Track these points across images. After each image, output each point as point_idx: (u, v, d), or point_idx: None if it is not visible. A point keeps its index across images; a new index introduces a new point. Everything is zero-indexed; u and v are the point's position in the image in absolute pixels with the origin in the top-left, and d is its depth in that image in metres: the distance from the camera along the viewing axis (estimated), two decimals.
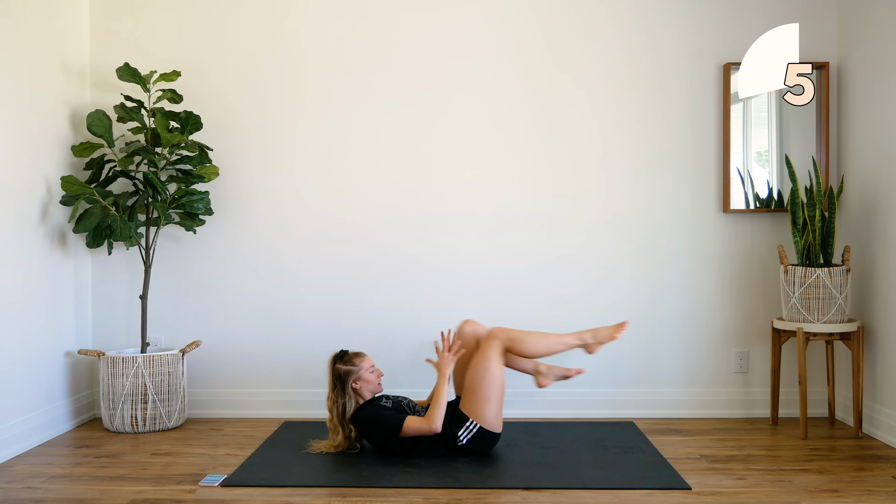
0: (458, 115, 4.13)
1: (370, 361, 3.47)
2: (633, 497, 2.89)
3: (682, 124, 4.11)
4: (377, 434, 3.32)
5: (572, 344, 3.41)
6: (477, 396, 3.28)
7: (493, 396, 3.28)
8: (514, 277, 4.14)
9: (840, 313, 3.67)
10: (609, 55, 4.11)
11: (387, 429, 3.28)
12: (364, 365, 3.43)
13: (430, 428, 3.24)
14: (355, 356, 3.45)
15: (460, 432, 3.28)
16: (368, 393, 3.43)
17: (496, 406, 3.30)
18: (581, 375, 4.10)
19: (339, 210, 4.16)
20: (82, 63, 4.12)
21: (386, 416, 3.30)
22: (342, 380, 3.39)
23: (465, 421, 3.28)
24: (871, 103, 3.77)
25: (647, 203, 4.13)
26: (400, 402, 3.46)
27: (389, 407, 3.39)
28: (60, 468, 3.30)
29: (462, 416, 3.30)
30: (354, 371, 3.40)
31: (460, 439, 3.28)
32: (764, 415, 4.08)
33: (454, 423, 3.30)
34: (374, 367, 3.47)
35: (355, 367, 3.41)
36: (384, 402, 3.43)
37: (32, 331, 3.69)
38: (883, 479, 3.09)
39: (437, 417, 3.25)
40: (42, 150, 3.77)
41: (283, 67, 4.15)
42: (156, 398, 3.85)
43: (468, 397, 3.32)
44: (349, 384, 3.39)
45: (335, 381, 3.41)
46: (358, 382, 3.40)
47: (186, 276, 4.18)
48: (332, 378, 3.42)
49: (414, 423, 3.26)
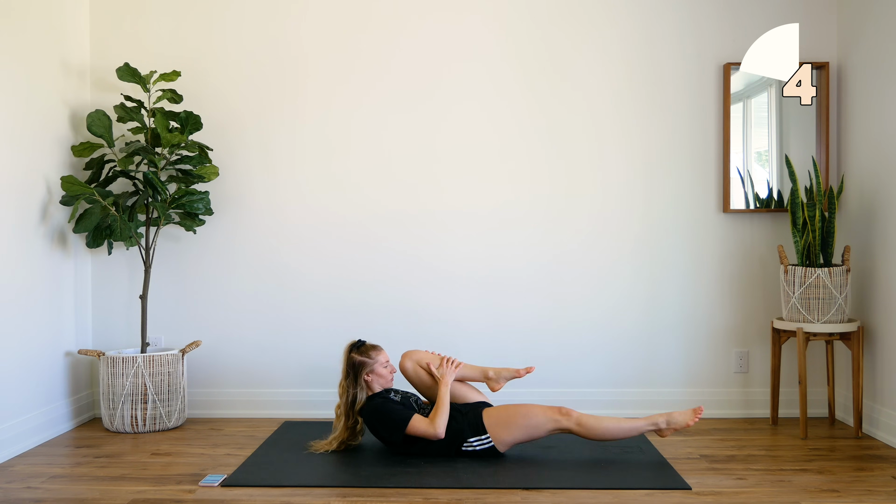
0: (458, 116, 4.13)
1: (386, 356, 3.49)
2: (633, 497, 2.89)
3: (681, 124, 4.11)
4: (382, 426, 3.33)
5: (643, 429, 3.32)
6: (507, 427, 3.27)
7: (518, 433, 3.29)
8: (513, 277, 4.14)
9: (840, 313, 3.67)
10: (609, 55, 4.11)
11: (393, 423, 3.29)
12: (380, 359, 3.45)
13: (435, 434, 3.25)
14: (372, 349, 3.47)
15: (473, 439, 3.30)
16: (379, 387, 3.45)
17: (516, 439, 3.31)
18: (581, 375, 4.12)
19: (339, 210, 4.16)
20: (82, 63, 4.12)
21: (394, 410, 3.32)
22: (356, 370, 3.41)
23: (483, 434, 3.29)
24: (871, 103, 3.77)
25: (647, 203, 4.13)
26: (408, 397, 3.48)
27: (398, 401, 3.40)
28: (60, 468, 3.30)
29: (482, 427, 3.30)
30: (369, 364, 3.42)
31: (470, 445, 3.29)
32: (764, 415, 4.08)
33: (471, 429, 3.31)
34: (388, 362, 3.49)
35: (370, 359, 3.43)
36: (393, 395, 3.44)
37: (32, 331, 3.69)
38: (883, 479, 3.09)
39: (442, 424, 3.27)
40: (42, 150, 3.77)
41: (284, 67, 4.15)
42: (156, 398, 3.85)
43: (499, 422, 3.29)
44: (362, 376, 3.41)
45: (349, 369, 3.43)
46: (370, 375, 3.42)
47: (186, 276, 4.18)
48: (346, 366, 3.44)
49: (420, 425, 3.26)
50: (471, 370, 3.58)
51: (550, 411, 3.28)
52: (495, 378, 3.58)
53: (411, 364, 3.49)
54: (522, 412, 3.30)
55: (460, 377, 3.55)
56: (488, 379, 3.58)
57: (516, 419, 3.28)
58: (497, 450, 3.30)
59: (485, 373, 3.58)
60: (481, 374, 3.59)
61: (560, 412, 3.27)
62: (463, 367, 3.54)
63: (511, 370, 3.59)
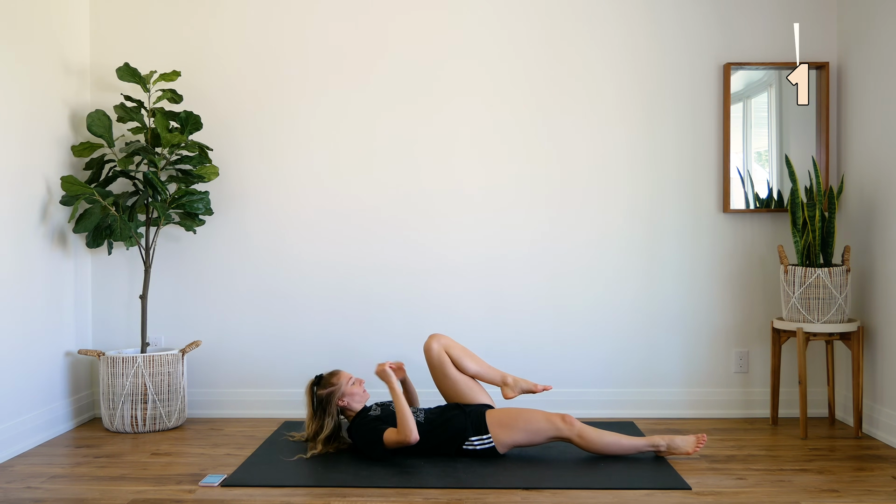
0: (458, 117, 4.13)
1: (347, 374, 3.49)
2: (633, 497, 2.89)
3: (682, 124, 4.11)
4: (365, 448, 3.34)
5: (642, 448, 3.33)
6: (509, 429, 3.29)
7: (519, 436, 3.30)
8: (513, 277, 4.14)
9: (840, 313, 3.67)
10: (609, 55, 4.11)
11: (371, 442, 3.30)
12: (342, 380, 3.45)
13: (407, 440, 3.23)
14: (331, 376, 3.48)
15: (475, 438, 3.30)
16: (358, 405, 3.46)
17: (516, 442, 3.32)
18: (581, 375, 4.12)
19: (340, 210, 4.16)
20: (82, 63, 4.12)
21: (369, 429, 3.32)
22: (327, 402, 3.41)
23: (485, 433, 3.30)
24: (871, 103, 3.77)
25: (647, 203, 4.13)
26: (389, 407, 3.47)
27: (378, 415, 3.40)
28: (60, 468, 3.30)
29: (485, 427, 3.31)
30: (336, 390, 3.42)
31: (471, 444, 3.30)
32: (764, 415, 4.08)
33: (473, 428, 3.32)
34: (352, 378, 3.49)
35: (335, 385, 3.43)
36: (373, 410, 3.45)
37: (32, 331, 3.69)
38: (883, 479, 3.09)
39: (407, 429, 3.22)
40: (42, 150, 3.77)
41: (284, 67, 4.15)
42: (156, 398, 3.85)
43: (501, 423, 3.31)
44: (334, 404, 3.41)
45: (317, 406, 3.43)
46: (344, 399, 3.43)
47: (186, 276, 4.18)
48: (314, 405, 3.44)
49: (392, 437, 3.26)
50: (491, 372, 3.57)
51: (554, 418, 3.28)
52: (512, 385, 3.56)
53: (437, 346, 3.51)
54: (525, 417, 3.31)
55: (477, 376, 3.55)
56: (505, 385, 3.56)
57: (518, 423, 3.29)
58: (497, 450, 3.31)
59: (504, 378, 3.57)
60: (500, 378, 3.57)
61: (563, 420, 3.27)
62: (485, 367, 3.56)
63: (529, 383, 3.56)
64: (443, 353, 3.52)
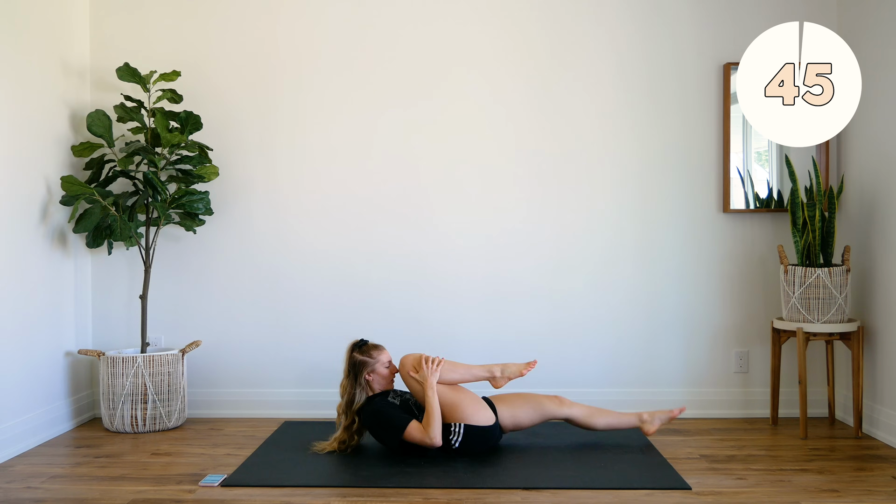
0: (458, 117, 4.13)
1: (388, 356, 3.49)
2: (633, 497, 2.89)
3: (682, 124, 4.11)
4: (380, 429, 3.33)
5: (481, 376, 3.50)
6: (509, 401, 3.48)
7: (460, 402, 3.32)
8: (513, 278, 4.14)
9: (840, 313, 3.67)
10: (609, 55, 4.11)
11: (391, 428, 3.29)
12: (381, 359, 3.46)
13: (431, 443, 3.25)
14: (374, 348, 3.48)
15: (451, 437, 3.31)
16: (378, 387, 3.46)
17: (470, 406, 3.32)
18: (581, 375, 4.13)
19: (340, 210, 4.16)
20: (82, 63, 4.12)
21: (392, 415, 3.32)
22: (356, 369, 3.42)
23: (451, 426, 3.31)
24: (871, 103, 3.77)
25: (647, 203, 4.13)
26: (407, 400, 3.47)
27: (397, 404, 3.40)
28: (60, 468, 3.30)
29: (446, 425, 3.32)
30: (370, 363, 3.43)
31: (453, 444, 3.31)
32: (764, 415, 4.08)
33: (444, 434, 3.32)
34: (390, 362, 3.49)
35: (372, 359, 3.44)
36: (391, 397, 3.44)
37: (32, 331, 3.69)
38: (883, 479, 3.09)
39: (435, 432, 3.25)
40: (42, 150, 3.77)
41: (283, 67, 4.15)
42: (156, 398, 3.85)
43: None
44: (362, 375, 3.41)
45: (350, 368, 3.44)
46: (371, 375, 3.43)
47: (186, 276, 4.18)
48: (348, 365, 3.45)
49: (416, 433, 3.26)
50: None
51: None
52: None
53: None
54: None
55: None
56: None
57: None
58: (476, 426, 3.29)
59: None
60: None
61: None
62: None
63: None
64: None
